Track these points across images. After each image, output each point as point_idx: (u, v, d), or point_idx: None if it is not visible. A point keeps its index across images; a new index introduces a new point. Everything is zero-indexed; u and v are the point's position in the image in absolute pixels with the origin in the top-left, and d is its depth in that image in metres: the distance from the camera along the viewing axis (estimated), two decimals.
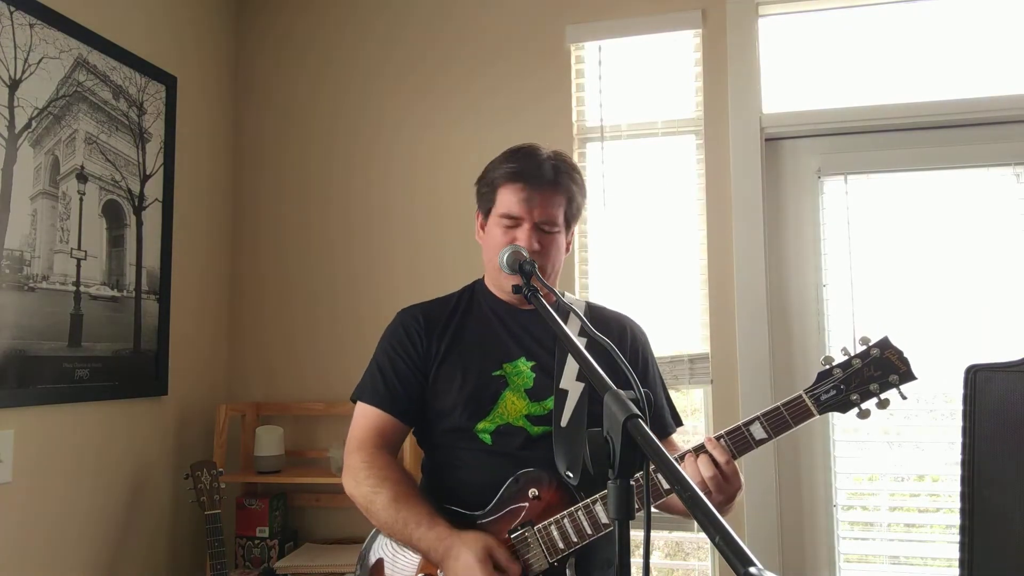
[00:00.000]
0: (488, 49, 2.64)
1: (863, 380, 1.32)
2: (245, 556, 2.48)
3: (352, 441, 1.48)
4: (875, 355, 1.33)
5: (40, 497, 1.99)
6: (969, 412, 1.40)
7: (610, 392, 0.86)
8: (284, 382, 2.71)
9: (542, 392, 1.46)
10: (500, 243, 1.44)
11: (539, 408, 1.45)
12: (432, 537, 1.31)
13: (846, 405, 1.33)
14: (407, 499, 1.36)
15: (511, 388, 1.45)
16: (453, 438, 1.46)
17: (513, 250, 1.37)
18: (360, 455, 1.44)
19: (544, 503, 1.36)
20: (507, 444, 1.42)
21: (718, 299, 2.38)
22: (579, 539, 1.33)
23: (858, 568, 2.30)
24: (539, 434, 1.43)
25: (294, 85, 2.81)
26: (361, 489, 1.40)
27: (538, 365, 1.48)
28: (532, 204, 1.43)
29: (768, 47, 2.46)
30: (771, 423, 1.34)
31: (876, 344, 1.34)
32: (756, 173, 2.38)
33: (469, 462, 1.44)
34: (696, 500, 0.68)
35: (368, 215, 2.69)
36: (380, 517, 1.38)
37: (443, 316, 1.54)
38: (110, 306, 2.23)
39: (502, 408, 1.44)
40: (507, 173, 1.46)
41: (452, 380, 1.46)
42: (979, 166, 2.30)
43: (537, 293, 1.27)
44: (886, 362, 1.32)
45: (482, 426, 1.43)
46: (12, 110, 1.93)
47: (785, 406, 1.34)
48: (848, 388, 1.33)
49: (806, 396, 1.34)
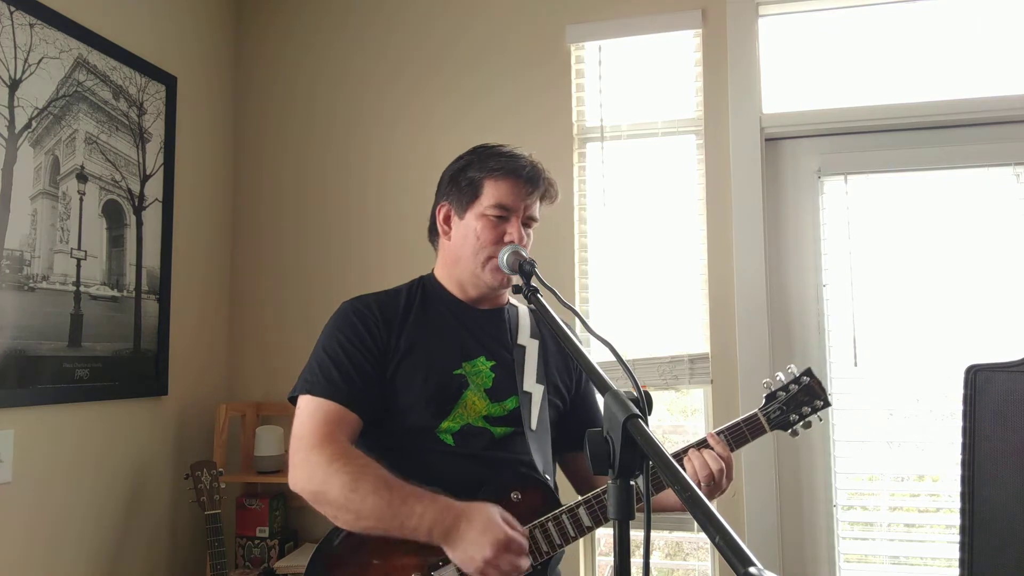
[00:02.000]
0: (488, 49, 2.64)
1: (798, 404, 1.53)
2: (245, 556, 2.48)
3: (311, 438, 1.32)
4: (805, 383, 1.54)
5: (40, 497, 1.99)
6: (969, 412, 1.41)
7: (610, 392, 0.86)
8: (284, 382, 2.68)
9: (501, 392, 1.44)
10: (488, 237, 1.41)
11: (499, 409, 1.43)
12: (437, 508, 1.25)
13: (787, 424, 1.53)
14: (395, 481, 1.27)
15: (472, 388, 1.42)
16: (412, 439, 1.40)
17: (513, 250, 1.37)
18: (328, 449, 1.30)
19: (525, 505, 1.36)
20: (471, 445, 1.40)
21: (718, 299, 2.38)
22: (563, 542, 1.34)
23: (858, 568, 2.30)
24: (502, 435, 1.42)
25: (294, 85, 2.81)
26: (334, 481, 1.27)
27: (498, 364, 1.46)
28: (523, 198, 1.43)
29: (768, 47, 2.46)
30: (733, 437, 1.48)
31: (804, 373, 1.55)
32: (756, 173, 2.38)
33: (432, 464, 1.38)
34: (696, 500, 0.68)
35: (368, 215, 2.69)
36: (366, 504, 1.25)
37: (398, 309, 1.47)
38: (110, 306, 2.23)
39: (462, 408, 1.41)
40: (499, 168, 1.44)
41: (413, 377, 1.40)
42: (979, 166, 2.29)
43: (537, 293, 1.27)
44: (812, 390, 1.54)
45: (445, 426, 1.39)
46: (12, 110, 1.93)
47: (744, 423, 1.50)
48: (788, 410, 1.53)
49: (760, 414, 1.51)
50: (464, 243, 1.45)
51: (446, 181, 1.50)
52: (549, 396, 1.49)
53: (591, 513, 1.35)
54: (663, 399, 2.55)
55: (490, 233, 1.42)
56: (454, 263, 1.49)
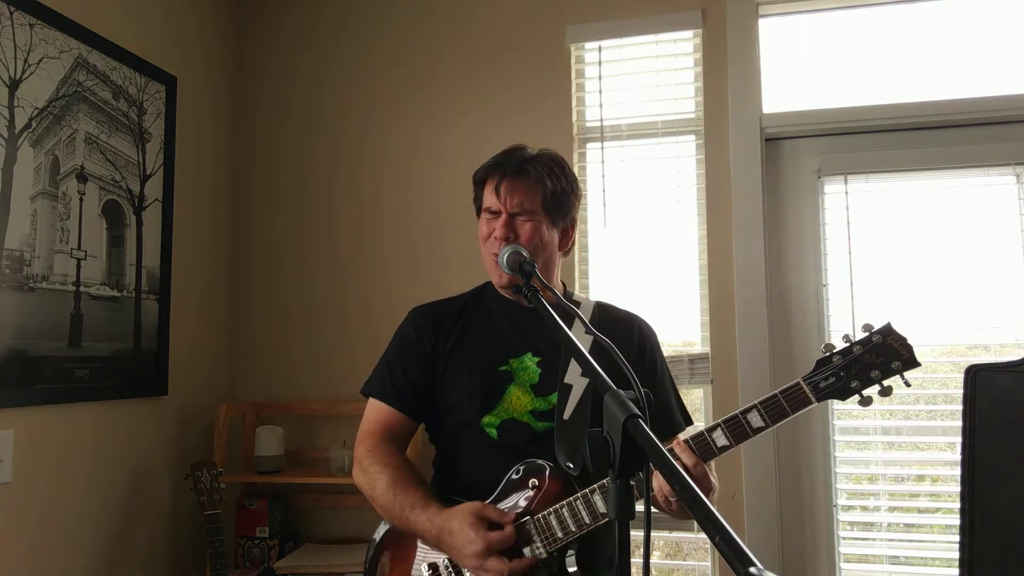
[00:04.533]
0: (488, 49, 2.64)
1: (863, 367, 1.30)
2: (245, 556, 2.48)
3: (360, 434, 1.54)
4: (876, 342, 1.31)
5: (40, 497, 1.99)
6: (969, 412, 1.41)
7: (610, 392, 0.86)
8: (284, 382, 2.70)
9: (547, 388, 1.48)
10: (483, 236, 1.52)
11: (544, 403, 1.48)
12: (424, 519, 1.36)
13: (846, 392, 1.31)
14: (404, 484, 1.41)
15: (516, 383, 1.49)
16: (459, 432, 1.51)
17: (513, 250, 1.40)
18: (365, 445, 1.50)
19: (544, 493, 1.39)
20: (512, 438, 1.46)
21: (718, 299, 2.38)
22: (577, 529, 1.34)
23: (858, 568, 2.30)
24: (543, 429, 1.46)
25: (294, 85, 2.81)
26: (366, 476, 1.46)
27: (544, 361, 1.51)
28: (503, 193, 1.48)
29: (768, 47, 2.46)
30: (769, 411, 1.32)
31: (878, 331, 1.32)
32: (756, 173, 2.38)
33: (475, 455, 1.48)
34: (696, 501, 0.68)
35: (368, 215, 2.69)
36: (380, 502, 1.43)
37: (452, 314, 1.59)
38: (110, 306, 2.23)
39: (507, 403, 1.47)
40: (484, 169, 1.54)
41: (459, 376, 1.51)
42: (979, 166, 2.29)
43: (537, 293, 1.27)
44: (888, 348, 1.30)
45: (488, 420, 1.47)
46: (12, 110, 1.93)
47: (783, 393, 1.32)
48: (848, 375, 1.31)
49: (804, 383, 1.32)
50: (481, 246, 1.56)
51: None
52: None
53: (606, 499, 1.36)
54: None
55: (484, 231, 1.53)
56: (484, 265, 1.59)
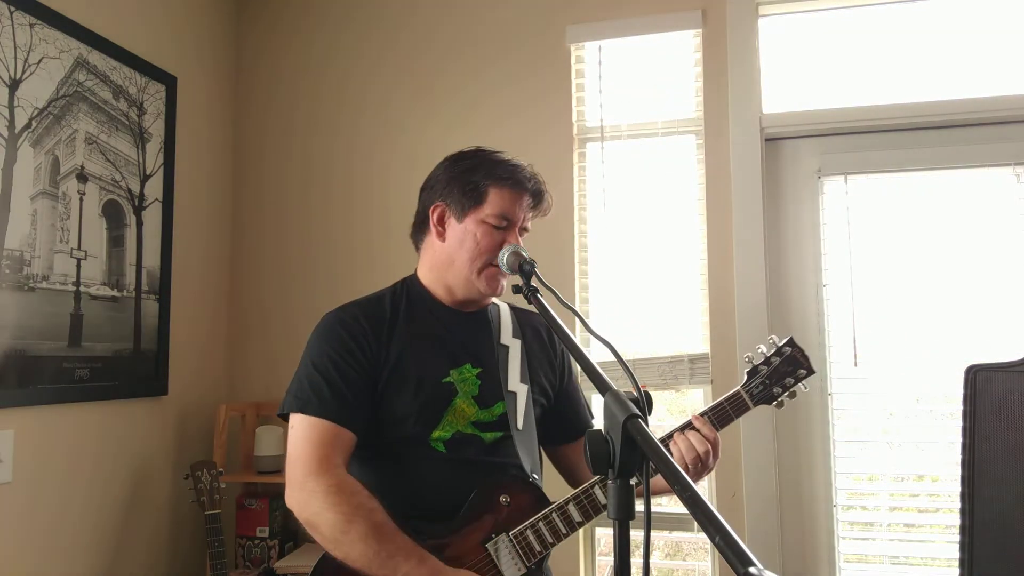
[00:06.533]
0: (488, 49, 2.64)
1: (780, 375, 1.52)
2: (245, 556, 2.48)
3: (307, 463, 1.32)
4: (787, 353, 1.52)
5: (40, 497, 1.99)
6: (969, 412, 1.41)
7: (610, 392, 0.86)
8: (284, 382, 2.65)
9: (488, 398, 1.45)
10: (487, 244, 1.41)
11: (487, 415, 1.44)
12: (426, 573, 1.25)
13: (771, 398, 1.52)
14: (387, 531, 1.27)
15: (460, 395, 1.42)
16: (406, 447, 1.40)
17: (513, 250, 1.37)
18: (325, 480, 1.29)
19: (514, 507, 1.38)
20: (463, 451, 1.40)
21: (718, 299, 2.38)
22: (554, 540, 1.37)
23: (858, 568, 2.29)
24: (493, 440, 1.43)
25: (294, 85, 2.81)
26: (326, 516, 1.27)
27: (484, 371, 1.46)
28: (525, 210, 1.45)
29: (768, 47, 2.46)
30: (717, 417, 1.48)
31: (786, 343, 1.53)
32: (756, 173, 2.38)
33: (427, 471, 1.39)
34: (696, 500, 0.68)
35: (368, 215, 2.69)
36: (355, 549, 1.26)
37: (384, 318, 1.45)
38: (110, 306, 2.23)
39: (452, 416, 1.41)
40: (506, 177, 1.43)
41: (404, 387, 1.40)
42: (979, 166, 2.29)
43: (537, 293, 1.27)
44: (794, 359, 1.52)
45: (436, 435, 1.39)
46: (12, 110, 1.93)
47: (727, 401, 1.50)
48: (771, 383, 1.51)
49: (743, 392, 1.51)
50: (461, 247, 1.43)
51: (444, 181, 1.48)
52: (534, 395, 1.51)
53: (581, 509, 1.38)
54: (663, 399, 2.55)
55: (489, 241, 1.41)
56: (446, 265, 1.47)
